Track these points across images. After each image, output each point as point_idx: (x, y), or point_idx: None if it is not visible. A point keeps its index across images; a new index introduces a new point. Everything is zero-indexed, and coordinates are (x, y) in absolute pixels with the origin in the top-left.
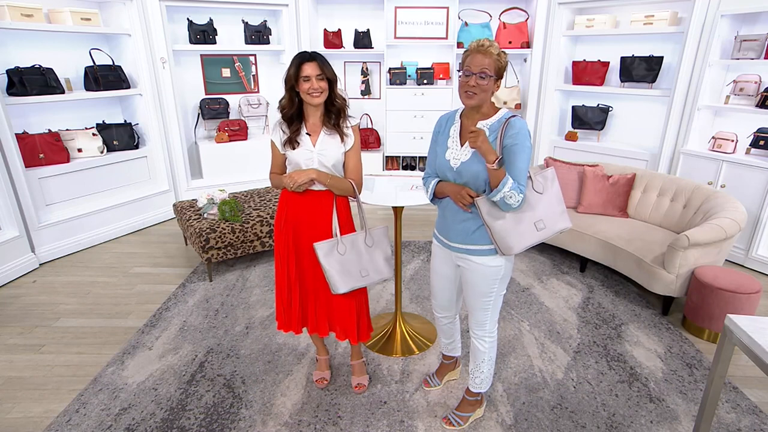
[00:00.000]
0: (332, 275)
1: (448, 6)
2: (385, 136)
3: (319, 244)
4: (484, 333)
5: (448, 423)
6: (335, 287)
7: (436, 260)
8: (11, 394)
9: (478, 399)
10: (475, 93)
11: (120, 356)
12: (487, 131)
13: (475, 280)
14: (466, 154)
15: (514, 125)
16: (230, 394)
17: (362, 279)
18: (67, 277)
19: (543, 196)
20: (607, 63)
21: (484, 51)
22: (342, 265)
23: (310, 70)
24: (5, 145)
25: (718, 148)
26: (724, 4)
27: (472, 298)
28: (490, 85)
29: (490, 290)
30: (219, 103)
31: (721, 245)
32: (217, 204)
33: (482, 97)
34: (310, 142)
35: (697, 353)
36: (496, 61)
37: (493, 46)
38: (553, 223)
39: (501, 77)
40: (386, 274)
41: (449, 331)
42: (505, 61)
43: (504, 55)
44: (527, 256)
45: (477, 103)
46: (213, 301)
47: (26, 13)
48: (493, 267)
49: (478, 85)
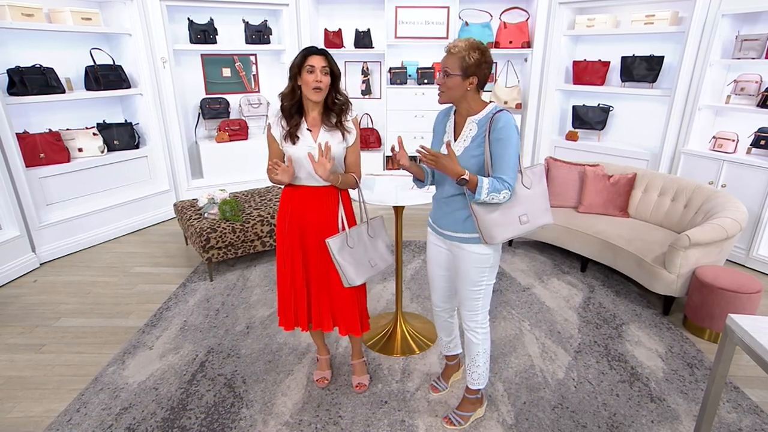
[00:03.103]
0: (347, 269)
1: (448, 6)
2: (385, 136)
3: (331, 240)
4: (476, 324)
5: (449, 422)
6: (351, 280)
7: (431, 248)
8: (12, 394)
9: (479, 397)
10: (442, 91)
11: (121, 356)
12: (476, 127)
13: (466, 268)
14: (458, 150)
15: (499, 119)
16: (231, 394)
17: (372, 269)
18: (67, 276)
19: (530, 191)
20: (608, 63)
21: (448, 51)
22: (354, 257)
23: (316, 61)
24: (6, 144)
25: (719, 147)
26: (725, 3)
27: (464, 287)
28: (457, 83)
29: (480, 278)
30: (219, 102)
31: (722, 245)
32: (217, 204)
33: (449, 95)
34: (310, 137)
35: (698, 353)
36: (462, 60)
37: (458, 47)
38: (537, 217)
39: (473, 75)
40: (390, 261)
41: (449, 327)
42: (476, 59)
43: (474, 52)
44: (527, 255)
45: (446, 100)
46: (214, 301)
47: (27, 12)
48: (483, 255)
49: (443, 83)
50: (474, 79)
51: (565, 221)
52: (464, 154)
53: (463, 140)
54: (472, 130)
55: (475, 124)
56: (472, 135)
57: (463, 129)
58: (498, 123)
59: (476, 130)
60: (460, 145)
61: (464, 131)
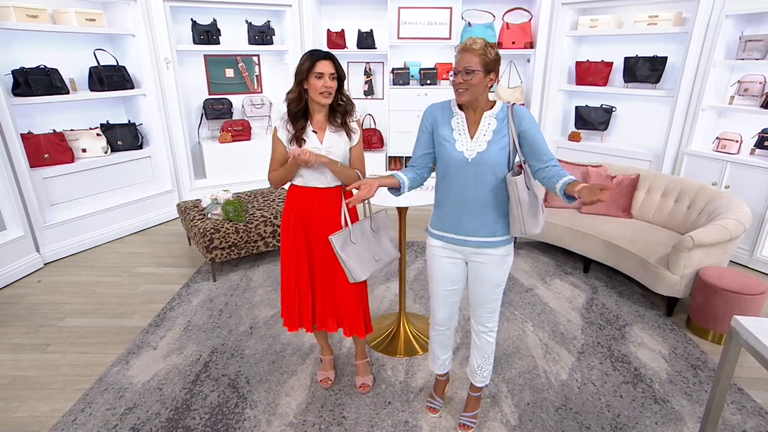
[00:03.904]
0: (351, 265)
1: (451, 6)
2: (388, 137)
3: (333, 236)
4: (494, 324)
5: (466, 429)
6: (356, 276)
7: (441, 262)
8: (18, 393)
9: (480, 395)
10: (465, 89)
11: (125, 356)
12: (495, 121)
13: (491, 273)
14: (481, 145)
15: (519, 110)
16: (235, 394)
17: (377, 263)
18: (71, 276)
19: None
20: (611, 63)
21: (467, 49)
22: (357, 253)
23: (325, 67)
24: (11, 145)
25: (723, 148)
26: (729, 4)
27: (488, 292)
28: (479, 80)
29: (504, 278)
30: (222, 103)
31: (725, 246)
32: (221, 204)
33: (472, 92)
34: (317, 139)
35: (701, 354)
36: (482, 57)
37: (477, 43)
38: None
39: (492, 71)
40: (395, 254)
41: (448, 343)
42: (494, 55)
43: (491, 49)
44: (530, 256)
45: (468, 99)
46: (217, 301)
47: (31, 14)
48: (508, 256)
49: (465, 82)
50: (493, 75)
51: (568, 222)
52: (490, 148)
53: (484, 135)
54: (491, 124)
55: (494, 118)
56: (493, 129)
57: (481, 124)
58: (521, 113)
59: (496, 125)
60: (481, 140)
61: (482, 126)
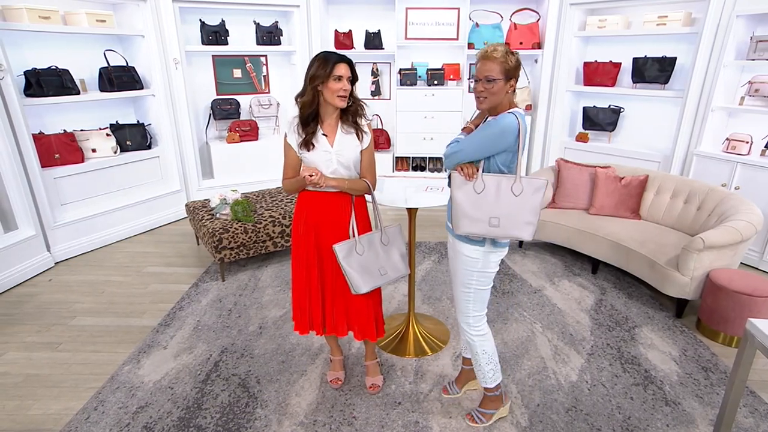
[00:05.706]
0: (353, 276)
1: (459, 7)
2: (395, 137)
3: (338, 246)
4: (468, 326)
5: (472, 420)
6: (357, 288)
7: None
8: (31, 391)
9: (497, 394)
10: (485, 97)
11: (136, 355)
12: None
13: (456, 267)
14: None
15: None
16: (245, 394)
17: (381, 277)
18: (82, 275)
19: (516, 198)
20: (619, 64)
21: (488, 56)
22: (361, 265)
23: (344, 70)
24: (23, 145)
25: (732, 149)
26: (740, 4)
27: (454, 285)
28: (500, 88)
29: (468, 281)
30: (230, 103)
31: (736, 248)
32: (229, 204)
33: (492, 100)
34: (327, 142)
35: (712, 356)
36: (502, 64)
37: (497, 51)
38: (511, 227)
39: (513, 77)
40: (403, 271)
41: None
42: (515, 62)
43: (512, 56)
44: (538, 257)
45: (488, 106)
46: (226, 301)
47: (44, 15)
48: (470, 258)
49: (485, 90)
50: (514, 82)
51: (576, 223)
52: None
53: None
54: None
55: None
56: None
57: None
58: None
59: None
60: None
61: None
